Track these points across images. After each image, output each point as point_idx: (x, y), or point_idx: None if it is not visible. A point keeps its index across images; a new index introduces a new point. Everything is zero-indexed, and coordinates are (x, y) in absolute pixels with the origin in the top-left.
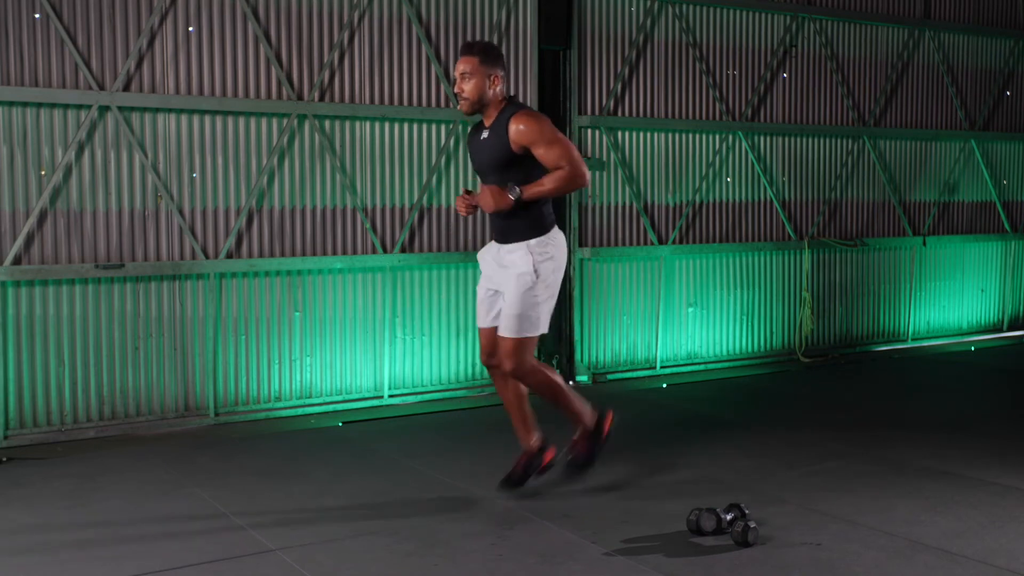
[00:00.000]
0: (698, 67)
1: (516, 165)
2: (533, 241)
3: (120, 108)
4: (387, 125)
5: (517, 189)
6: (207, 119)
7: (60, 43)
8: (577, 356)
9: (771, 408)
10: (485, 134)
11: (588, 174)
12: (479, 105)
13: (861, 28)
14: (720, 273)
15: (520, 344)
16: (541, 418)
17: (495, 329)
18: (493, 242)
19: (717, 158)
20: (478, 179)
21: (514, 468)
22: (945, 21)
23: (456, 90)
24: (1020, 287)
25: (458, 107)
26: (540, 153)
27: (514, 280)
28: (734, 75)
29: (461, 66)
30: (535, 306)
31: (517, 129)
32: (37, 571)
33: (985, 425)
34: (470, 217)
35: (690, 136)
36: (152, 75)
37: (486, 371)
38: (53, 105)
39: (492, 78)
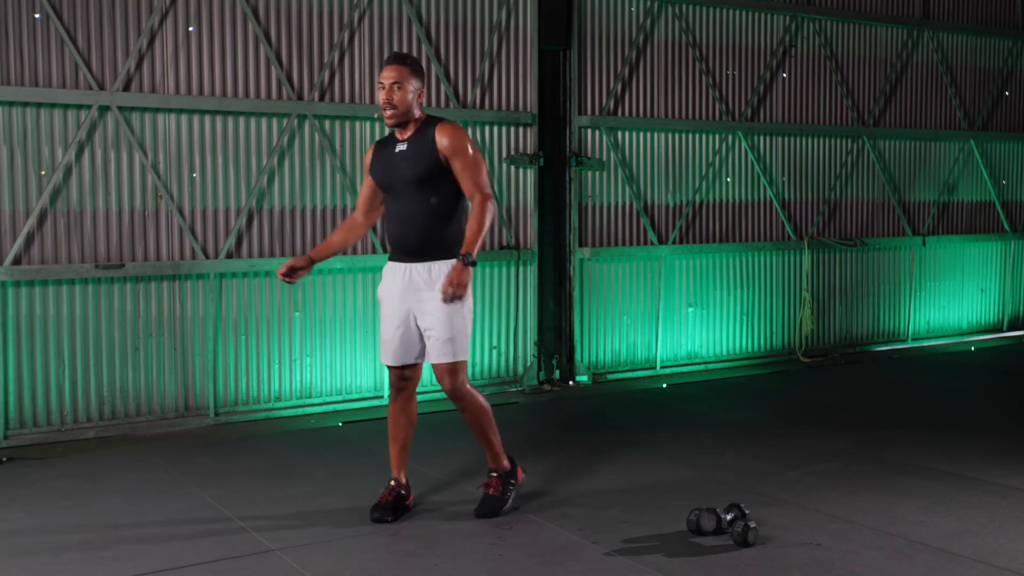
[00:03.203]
0: (698, 67)
1: (436, 179)
2: (455, 260)
3: (120, 108)
4: None
5: (471, 257)
6: (207, 119)
7: (60, 43)
8: (577, 356)
9: (771, 408)
10: (402, 147)
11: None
12: (404, 117)
13: (860, 28)
14: (720, 273)
15: (459, 367)
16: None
17: (406, 367)
18: (393, 268)
19: (717, 158)
20: (371, 196)
21: (383, 498)
22: (944, 21)
23: (384, 99)
24: (1020, 287)
25: (384, 118)
26: (459, 166)
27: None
28: (734, 75)
29: (392, 74)
30: (465, 326)
31: (443, 139)
32: (37, 571)
33: (985, 425)
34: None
35: (690, 136)
36: (152, 75)
37: (485, 371)
38: (53, 105)
39: (418, 92)
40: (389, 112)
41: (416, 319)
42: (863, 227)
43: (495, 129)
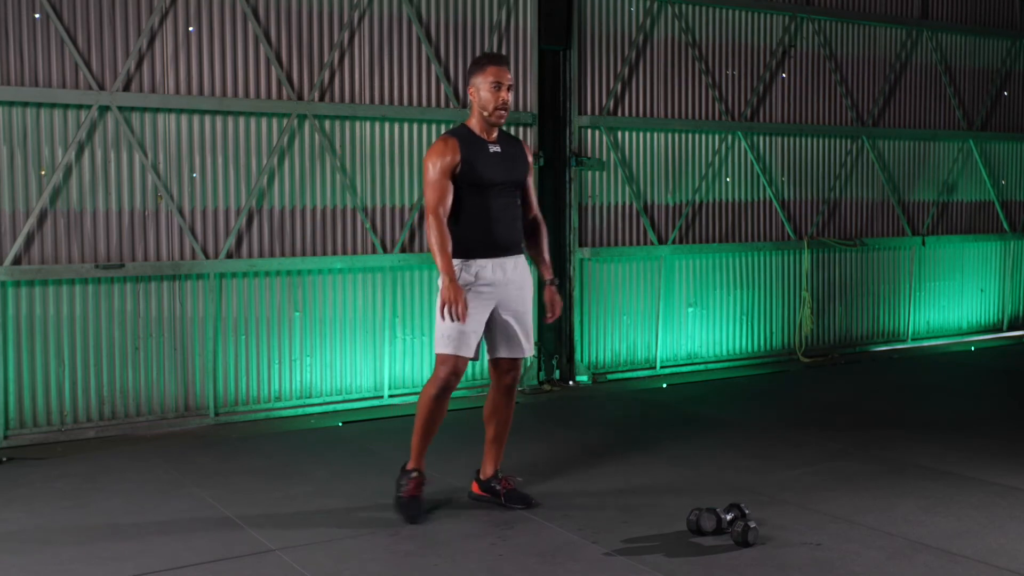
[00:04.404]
0: (697, 67)
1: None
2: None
3: (120, 108)
4: (387, 125)
5: (557, 280)
6: (207, 119)
7: (60, 43)
8: (577, 356)
9: (771, 408)
10: (495, 148)
11: None
12: None
13: (859, 28)
14: (720, 273)
15: None
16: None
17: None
18: (482, 265)
19: (717, 158)
20: (469, 192)
21: (414, 492)
22: (943, 21)
23: (504, 99)
24: (1019, 287)
25: (498, 117)
26: (531, 184)
27: (528, 293)
28: (733, 75)
29: (509, 76)
30: None
31: (530, 157)
32: (38, 571)
33: (985, 425)
34: None
35: (690, 136)
36: (152, 75)
37: (485, 371)
38: (53, 105)
39: None
40: (504, 114)
41: (498, 312)
42: (863, 227)
43: None
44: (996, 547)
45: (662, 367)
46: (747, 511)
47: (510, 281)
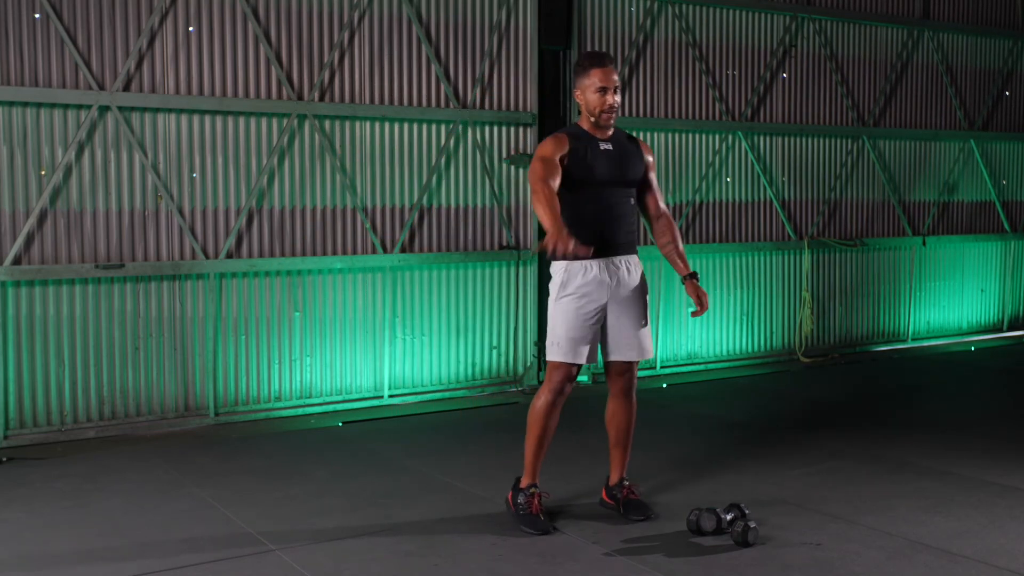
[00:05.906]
0: (698, 67)
1: (638, 184)
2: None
3: (120, 108)
4: (387, 125)
5: (697, 274)
6: (207, 119)
7: (60, 43)
8: None
9: (771, 408)
10: (606, 146)
11: None
12: None
13: (860, 28)
14: (720, 273)
15: None
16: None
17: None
18: (588, 265)
19: (717, 158)
20: (584, 190)
21: (537, 508)
22: (944, 21)
23: (612, 102)
24: (1020, 287)
25: (606, 119)
26: (653, 181)
27: (643, 295)
28: (734, 75)
29: (615, 79)
30: None
31: (648, 156)
32: (37, 572)
33: (986, 425)
34: (470, 217)
35: (690, 136)
36: (152, 75)
37: (485, 371)
38: (53, 105)
39: None
40: (612, 116)
41: (610, 313)
42: (863, 227)
43: (495, 129)
44: (996, 547)
45: (662, 367)
46: (747, 511)
47: (622, 282)
